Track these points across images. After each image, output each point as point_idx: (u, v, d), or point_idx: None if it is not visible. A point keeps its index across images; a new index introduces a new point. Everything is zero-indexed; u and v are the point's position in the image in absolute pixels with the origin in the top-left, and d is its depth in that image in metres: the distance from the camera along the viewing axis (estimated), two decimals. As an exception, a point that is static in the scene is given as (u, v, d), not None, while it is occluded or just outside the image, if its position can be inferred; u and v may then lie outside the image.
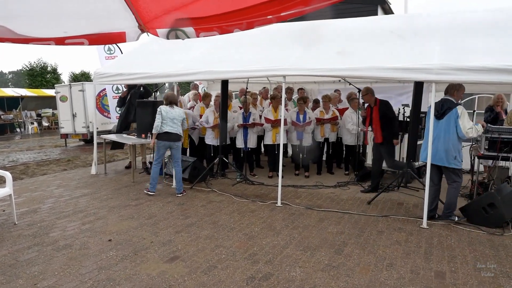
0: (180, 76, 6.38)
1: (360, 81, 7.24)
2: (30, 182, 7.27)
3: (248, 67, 5.73)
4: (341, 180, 7.14)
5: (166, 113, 5.95)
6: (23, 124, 19.41)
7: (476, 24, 5.35)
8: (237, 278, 3.40)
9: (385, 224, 4.85)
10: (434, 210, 5.01)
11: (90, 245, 4.12)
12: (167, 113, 5.95)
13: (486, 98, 8.07)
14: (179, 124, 6.06)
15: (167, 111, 5.97)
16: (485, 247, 4.12)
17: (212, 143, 7.40)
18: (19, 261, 3.70)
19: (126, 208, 5.45)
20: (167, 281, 3.34)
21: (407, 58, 4.87)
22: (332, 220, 5.00)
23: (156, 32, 2.28)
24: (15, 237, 4.34)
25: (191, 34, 2.22)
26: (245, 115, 7.30)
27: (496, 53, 4.51)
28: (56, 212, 5.24)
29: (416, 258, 3.84)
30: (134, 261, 3.74)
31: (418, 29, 5.61)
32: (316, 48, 5.76)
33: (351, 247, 4.13)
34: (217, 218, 5.03)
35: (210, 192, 6.34)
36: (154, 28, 2.27)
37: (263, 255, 3.91)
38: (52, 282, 3.30)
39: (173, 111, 6.02)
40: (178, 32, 2.21)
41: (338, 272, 3.53)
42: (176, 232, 4.53)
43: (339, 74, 5.44)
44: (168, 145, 6.00)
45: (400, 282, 3.36)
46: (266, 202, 5.75)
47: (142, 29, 2.32)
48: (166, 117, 5.92)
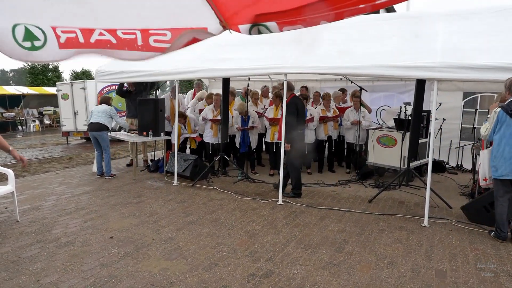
0: (182, 74, 6.38)
1: (361, 79, 7.24)
2: (32, 179, 7.29)
3: (249, 65, 5.72)
4: (343, 179, 7.14)
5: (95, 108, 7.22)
6: (25, 122, 19.44)
7: (478, 22, 5.32)
8: (238, 276, 3.41)
9: (386, 222, 4.85)
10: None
11: (92, 242, 4.13)
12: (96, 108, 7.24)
13: (489, 97, 8.05)
14: (103, 116, 7.06)
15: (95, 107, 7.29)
16: (486, 246, 4.12)
17: (210, 141, 7.41)
18: (21, 258, 3.72)
19: (128, 206, 5.46)
20: (168, 278, 3.35)
21: (409, 56, 4.85)
22: (333, 218, 5.00)
23: (238, 28, 2.22)
24: (18, 234, 4.35)
25: (274, 29, 2.14)
26: (244, 119, 7.31)
27: (499, 52, 4.49)
28: (58, 210, 5.26)
29: (417, 257, 3.85)
30: (136, 258, 3.75)
31: (420, 27, 5.59)
32: (318, 46, 5.74)
33: (352, 245, 4.13)
34: (218, 216, 5.04)
35: (211, 190, 6.35)
36: (236, 24, 2.23)
37: (264, 252, 3.91)
38: (55, 278, 3.32)
39: (99, 107, 7.21)
40: (260, 27, 2.15)
41: (339, 270, 3.54)
42: (177, 229, 4.54)
43: (341, 72, 5.43)
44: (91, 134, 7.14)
45: (400, 280, 3.36)
46: (267, 200, 5.75)
47: (223, 25, 2.29)
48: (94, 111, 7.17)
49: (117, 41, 2.25)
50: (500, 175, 4.14)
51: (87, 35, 2.16)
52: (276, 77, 9.36)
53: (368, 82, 8.53)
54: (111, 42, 2.24)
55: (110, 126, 7.22)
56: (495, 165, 4.19)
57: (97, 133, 7.05)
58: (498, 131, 4.15)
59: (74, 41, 2.13)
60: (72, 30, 2.12)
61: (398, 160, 6.56)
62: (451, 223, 4.80)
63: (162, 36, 2.34)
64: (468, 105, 8.27)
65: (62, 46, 2.10)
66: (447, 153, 8.24)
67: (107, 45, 2.24)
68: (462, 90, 8.19)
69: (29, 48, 2.00)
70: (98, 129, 7.04)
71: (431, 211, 4.98)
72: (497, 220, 4.26)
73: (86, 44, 2.18)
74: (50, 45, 2.05)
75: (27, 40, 1.98)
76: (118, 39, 2.25)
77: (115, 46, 2.26)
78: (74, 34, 2.12)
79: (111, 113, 7.19)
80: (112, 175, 7.28)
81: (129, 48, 2.31)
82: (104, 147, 7.13)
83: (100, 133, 7.05)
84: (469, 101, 8.29)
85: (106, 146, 7.13)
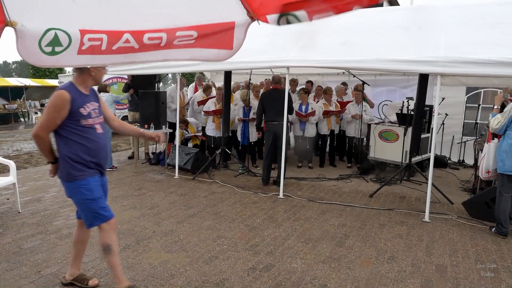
0: (183, 66, 6.34)
1: (364, 73, 7.19)
2: (34, 171, 7.31)
3: (251, 58, 5.68)
4: (344, 173, 7.13)
5: None
6: (27, 114, 19.46)
7: (482, 16, 5.27)
8: (238, 269, 3.42)
9: (387, 217, 4.85)
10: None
11: (93, 234, 4.14)
12: None
13: (492, 92, 7.99)
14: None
15: None
16: (487, 242, 4.12)
17: (212, 134, 7.40)
18: (23, 249, 3.73)
19: (129, 198, 5.47)
20: (168, 271, 3.36)
21: (412, 50, 4.81)
22: (334, 212, 5.00)
23: (267, 19, 2.15)
24: (19, 225, 4.37)
25: (303, 18, 2.04)
26: (246, 110, 7.29)
27: (503, 46, 4.45)
28: (59, 201, 5.28)
29: (417, 252, 3.85)
30: (136, 250, 3.77)
31: (423, 21, 5.54)
32: (320, 40, 5.70)
33: (353, 239, 4.13)
34: (219, 209, 5.05)
35: (212, 183, 6.36)
36: (264, 15, 2.15)
37: (264, 246, 3.92)
38: (55, 270, 3.34)
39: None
40: (289, 17, 2.07)
41: (339, 264, 3.54)
42: (178, 222, 4.55)
43: (344, 66, 5.40)
44: None
45: (401, 275, 3.37)
46: (268, 194, 5.76)
47: (251, 16, 2.24)
48: None
49: (139, 47, 2.23)
50: (507, 170, 4.13)
51: (112, 42, 2.13)
52: (278, 71, 9.31)
53: (371, 77, 8.47)
54: (133, 48, 2.22)
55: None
56: (503, 160, 4.17)
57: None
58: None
59: (95, 48, 2.11)
60: (99, 38, 2.09)
61: (399, 155, 6.54)
62: (452, 219, 4.79)
63: (188, 38, 2.30)
64: (471, 100, 8.22)
65: (81, 52, 2.08)
66: (449, 149, 8.22)
67: (128, 50, 2.21)
68: (465, 85, 8.14)
69: (49, 53, 1.98)
70: None
71: (432, 206, 4.97)
72: (499, 216, 4.24)
73: (107, 51, 2.16)
74: (70, 50, 2.04)
75: (50, 45, 1.96)
76: (141, 45, 2.22)
77: (136, 50, 2.24)
78: (99, 42, 2.10)
79: (112, 99, 7.31)
80: (113, 168, 7.26)
81: (150, 50, 2.28)
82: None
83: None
84: (472, 96, 8.23)
85: (108, 138, 7.10)
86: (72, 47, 2.03)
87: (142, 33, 2.20)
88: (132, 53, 2.23)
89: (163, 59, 2.36)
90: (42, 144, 2.66)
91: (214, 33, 2.34)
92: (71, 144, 2.67)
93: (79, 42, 2.04)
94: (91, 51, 2.10)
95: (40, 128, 2.60)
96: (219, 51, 2.40)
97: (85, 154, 2.70)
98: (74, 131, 2.67)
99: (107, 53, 2.16)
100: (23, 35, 1.88)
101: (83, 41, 2.05)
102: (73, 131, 2.66)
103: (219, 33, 2.34)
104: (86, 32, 2.05)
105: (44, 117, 2.62)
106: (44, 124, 2.61)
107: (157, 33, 2.23)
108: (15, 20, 1.83)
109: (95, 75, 2.78)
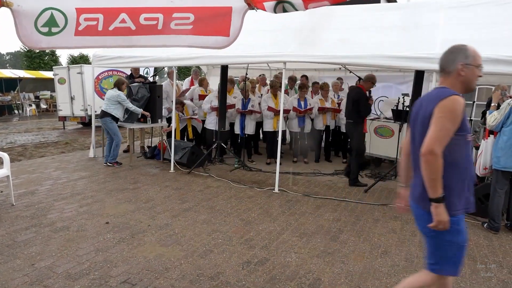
0: (181, 60, 6.32)
1: (360, 69, 7.19)
2: (28, 164, 7.27)
3: (248, 52, 5.67)
4: (339, 168, 7.15)
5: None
6: (21, 106, 19.29)
7: (479, 13, 5.28)
8: (233, 263, 3.44)
9: (381, 212, 4.89)
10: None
11: (87, 227, 4.14)
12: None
13: (486, 89, 8.04)
14: (108, 103, 6.84)
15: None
16: (479, 237, 4.16)
17: (214, 128, 7.38)
18: (16, 242, 3.72)
19: (124, 192, 5.46)
20: (163, 264, 3.37)
21: (409, 47, 4.82)
22: (329, 207, 5.03)
23: (263, 6, 2.17)
24: (13, 218, 4.35)
25: (299, 6, 2.08)
26: (244, 101, 7.27)
27: (499, 44, 4.47)
28: (53, 194, 5.25)
29: (410, 246, 3.88)
30: (131, 243, 3.77)
31: (420, 19, 5.54)
32: (318, 35, 5.69)
33: (347, 234, 4.16)
34: (214, 203, 5.06)
35: (208, 178, 6.36)
36: (261, 2, 2.17)
37: (259, 240, 3.94)
38: (50, 263, 3.33)
39: (108, 92, 6.99)
40: (285, 4, 2.09)
41: (333, 259, 3.57)
42: (173, 216, 4.56)
43: (341, 62, 5.40)
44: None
45: (394, 269, 3.40)
46: (263, 189, 5.77)
47: (248, 3, 2.24)
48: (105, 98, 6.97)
49: (136, 28, 2.20)
50: (502, 166, 4.17)
51: (108, 21, 2.10)
52: (275, 65, 9.30)
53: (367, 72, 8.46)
54: (130, 30, 2.19)
55: (117, 113, 6.85)
56: (498, 156, 4.21)
57: (101, 120, 6.92)
58: (511, 123, 4.16)
59: (91, 29, 2.09)
60: (95, 18, 2.07)
61: (394, 151, 6.58)
62: (445, 214, 4.83)
63: (185, 20, 2.28)
64: (466, 97, 8.20)
65: (78, 33, 2.06)
66: (444, 145, 8.24)
67: (125, 32, 2.19)
68: (460, 82, 8.16)
69: (45, 34, 1.96)
70: (101, 116, 6.91)
71: (426, 202, 5.00)
72: (491, 211, 4.29)
73: (104, 32, 2.13)
74: (67, 31, 2.02)
75: (46, 26, 1.95)
76: (138, 26, 2.20)
77: (134, 32, 2.22)
78: (95, 22, 2.08)
79: (118, 99, 6.80)
80: (115, 164, 7.02)
81: (149, 33, 2.26)
82: (111, 134, 6.94)
83: (102, 120, 6.86)
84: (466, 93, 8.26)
85: (113, 133, 6.89)
86: (69, 27, 2.02)
87: (138, 13, 2.18)
88: (130, 35, 2.21)
89: (163, 45, 2.34)
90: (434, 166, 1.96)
91: (211, 17, 2.32)
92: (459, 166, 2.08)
93: (75, 22, 2.02)
94: (88, 32, 2.09)
95: (435, 142, 1.93)
96: (216, 38, 2.39)
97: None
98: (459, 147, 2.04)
99: (104, 35, 2.14)
100: (19, 15, 1.86)
101: (79, 21, 2.04)
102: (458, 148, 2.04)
103: (216, 18, 2.33)
104: (83, 11, 2.04)
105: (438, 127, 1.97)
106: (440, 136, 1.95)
107: (153, 14, 2.22)
108: (10, 0, 1.82)
109: (465, 75, 2.09)
